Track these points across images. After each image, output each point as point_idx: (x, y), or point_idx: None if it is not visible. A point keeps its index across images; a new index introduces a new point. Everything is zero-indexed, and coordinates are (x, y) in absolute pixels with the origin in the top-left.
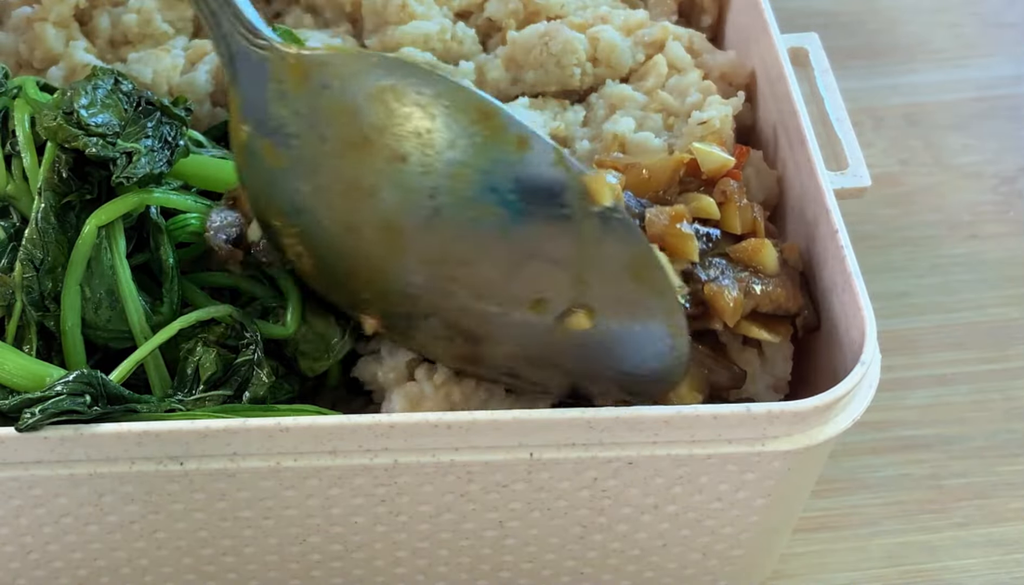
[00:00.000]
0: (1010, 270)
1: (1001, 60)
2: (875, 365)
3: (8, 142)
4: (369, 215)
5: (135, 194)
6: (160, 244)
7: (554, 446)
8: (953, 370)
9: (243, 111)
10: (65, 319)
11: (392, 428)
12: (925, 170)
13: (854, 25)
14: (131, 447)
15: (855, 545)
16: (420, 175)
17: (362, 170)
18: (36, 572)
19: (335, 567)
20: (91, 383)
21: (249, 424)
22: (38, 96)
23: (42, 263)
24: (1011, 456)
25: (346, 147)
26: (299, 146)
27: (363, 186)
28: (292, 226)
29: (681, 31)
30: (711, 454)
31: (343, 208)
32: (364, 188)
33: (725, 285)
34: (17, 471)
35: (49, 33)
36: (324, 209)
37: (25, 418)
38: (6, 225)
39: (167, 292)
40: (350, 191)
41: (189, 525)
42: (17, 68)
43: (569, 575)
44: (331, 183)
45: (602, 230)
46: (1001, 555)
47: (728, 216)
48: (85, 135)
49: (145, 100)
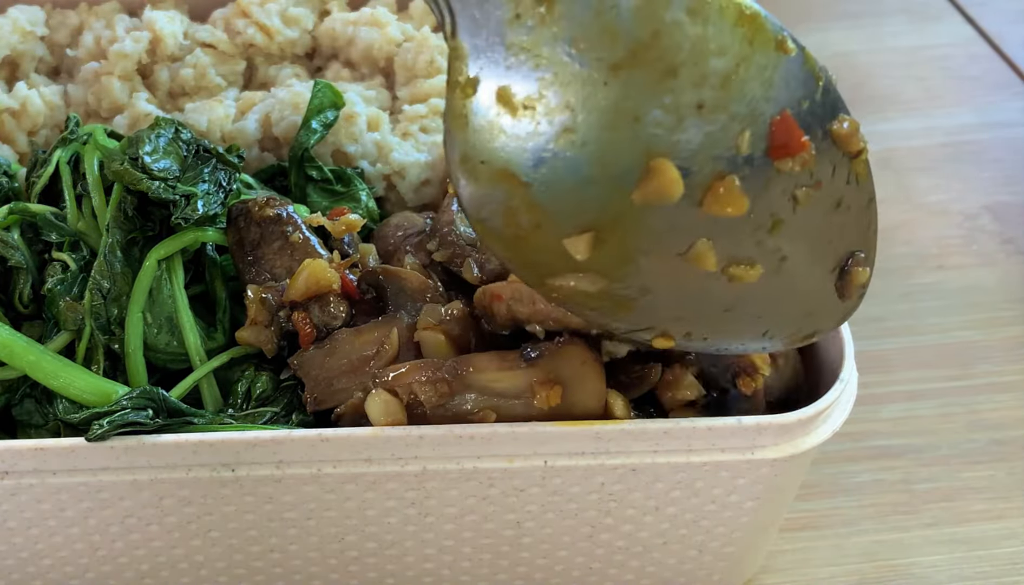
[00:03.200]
0: (973, 297)
1: (965, 110)
2: (852, 382)
3: (79, 184)
4: (629, 147)
5: (192, 232)
6: (214, 277)
7: (566, 455)
8: (922, 387)
9: (470, 58)
10: (129, 342)
11: (421, 439)
12: (897, 208)
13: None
14: (188, 455)
15: (835, 543)
16: (691, 89)
17: (626, 93)
18: (104, 567)
19: (370, 563)
20: (152, 398)
21: (294, 435)
22: (106, 142)
23: (109, 292)
24: (974, 463)
25: (608, 70)
26: (549, 81)
27: (626, 111)
28: (523, 185)
29: None
30: (706, 461)
31: (601, 142)
32: (627, 114)
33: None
34: (86, 477)
35: (115, 86)
36: (575, 150)
37: (94, 430)
38: (77, 258)
39: (220, 320)
40: (612, 120)
41: (240, 525)
42: (86, 117)
43: (579, 570)
44: (588, 117)
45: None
46: (965, 552)
47: None
48: (148, 179)
49: (203, 148)
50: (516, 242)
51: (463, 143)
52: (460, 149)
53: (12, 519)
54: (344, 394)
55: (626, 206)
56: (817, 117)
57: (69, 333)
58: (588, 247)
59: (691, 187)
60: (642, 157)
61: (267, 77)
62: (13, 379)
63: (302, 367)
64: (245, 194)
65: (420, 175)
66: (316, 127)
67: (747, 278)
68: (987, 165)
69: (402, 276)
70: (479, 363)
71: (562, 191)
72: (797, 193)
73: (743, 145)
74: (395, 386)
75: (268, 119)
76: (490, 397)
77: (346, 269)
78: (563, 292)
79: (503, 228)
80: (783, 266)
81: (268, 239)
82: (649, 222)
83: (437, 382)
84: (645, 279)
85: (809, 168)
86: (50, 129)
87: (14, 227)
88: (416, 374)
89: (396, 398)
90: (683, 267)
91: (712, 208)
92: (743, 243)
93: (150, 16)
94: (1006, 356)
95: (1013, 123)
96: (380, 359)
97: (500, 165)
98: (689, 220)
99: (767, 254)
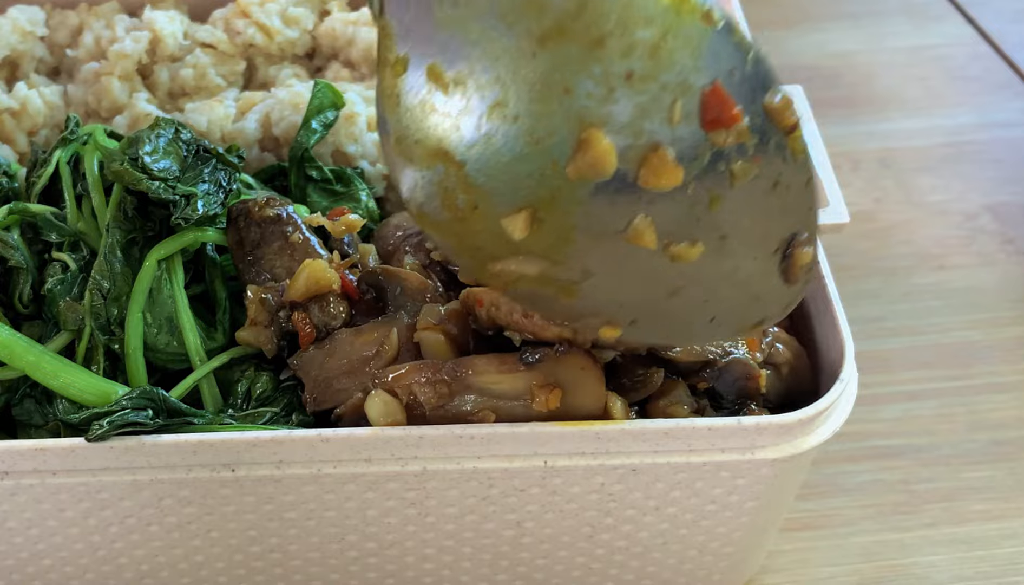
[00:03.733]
0: (973, 297)
1: (966, 110)
2: (853, 382)
3: (79, 184)
4: (561, 119)
5: (192, 232)
6: (214, 277)
7: (566, 455)
8: (922, 387)
9: (399, 37)
10: (129, 342)
11: (421, 439)
12: (898, 208)
13: (834, 78)
14: (188, 456)
15: (835, 543)
16: (619, 59)
17: (555, 64)
18: (103, 567)
19: (370, 563)
20: (152, 399)
21: (294, 435)
22: (106, 142)
23: (109, 292)
24: (974, 463)
25: (537, 42)
26: (479, 56)
27: (556, 83)
28: (457, 164)
29: None
30: (706, 462)
31: (532, 116)
32: (557, 86)
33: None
34: (86, 477)
35: (115, 86)
36: (507, 124)
37: (94, 430)
38: (77, 258)
39: (220, 320)
40: (543, 93)
41: (240, 525)
42: (86, 117)
43: (579, 570)
44: (518, 91)
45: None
46: (965, 552)
47: None
48: (148, 179)
49: (203, 148)
50: (455, 225)
51: (396, 123)
52: (394, 130)
53: (12, 519)
54: (344, 394)
55: (562, 182)
56: (749, 89)
57: (69, 333)
58: (526, 225)
59: (625, 160)
60: (574, 129)
61: (267, 77)
62: (13, 379)
63: (302, 367)
64: (245, 194)
65: None
66: (316, 127)
67: (688, 257)
68: (987, 165)
69: (402, 276)
70: (479, 365)
71: (497, 168)
72: (734, 167)
73: (675, 116)
74: (395, 387)
75: (268, 119)
76: (490, 398)
77: (346, 269)
78: (505, 277)
79: (441, 211)
80: (724, 245)
81: (268, 239)
82: (585, 198)
83: (437, 383)
84: (586, 260)
85: (744, 141)
86: (50, 129)
87: (14, 227)
88: (416, 375)
89: (396, 399)
90: (623, 247)
91: (648, 181)
92: (682, 220)
93: (150, 16)
94: (1006, 356)
95: (1013, 123)
96: (380, 359)
97: (433, 144)
98: (626, 196)
99: (707, 231)
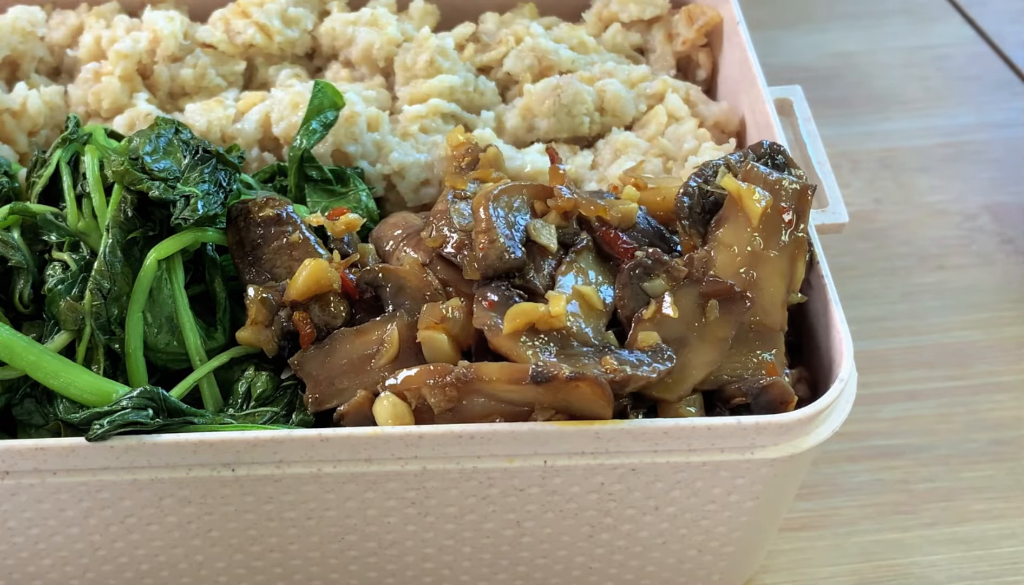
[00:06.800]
0: (973, 297)
1: (965, 110)
2: (852, 382)
3: (79, 184)
4: None
5: (192, 232)
6: (214, 277)
7: (566, 455)
8: (921, 386)
9: None
10: (129, 342)
11: (421, 438)
12: (897, 208)
13: (834, 79)
14: (188, 455)
15: (834, 543)
16: None
17: None
18: (104, 567)
19: (370, 563)
20: (153, 398)
21: (294, 434)
22: (106, 142)
23: (109, 292)
24: (973, 463)
25: None
26: None
27: None
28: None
29: (679, 84)
30: (706, 461)
31: None
32: None
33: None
34: (87, 477)
35: (115, 86)
36: None
37: (94, 429)
38: (77, 258)
39: (220, 320)
40: None
41: (240, 525)
42: (86, 117)
43: (579, 569)
44: None
45: None
46: (964, 552)
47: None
48: (149, 179)
49: (203, 148)
50: None
51: None
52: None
53: (12, 519)
54: (345, 393)
55: None
56: None
57: (69, 333)
58: None
59: None
60: None
61: (267, 77)
62: (13, 379)
63: (303, 367)
64: (245, 194)
65: (420, 175)
66: (316, 127)
67: None
68: (987, 165)
69: (401, 275)
70: (488, 373)
71: None
72: None
73: None
74: (404, 390)
75: (268, 119)
76: (497, 403)
77: (346, 269)
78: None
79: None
80: None
81: (268, 239)
82: None
83: (446, 387)
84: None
85: None
86: (50, 129)
87: (14, 227)
88: (425, 378)
89: (404, 402)
90: None
91: None
92: None
93: (150, 16)
94: (1006, 356)
95: (1013, 123)
96: (380, 358)
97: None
98: None
99: None
